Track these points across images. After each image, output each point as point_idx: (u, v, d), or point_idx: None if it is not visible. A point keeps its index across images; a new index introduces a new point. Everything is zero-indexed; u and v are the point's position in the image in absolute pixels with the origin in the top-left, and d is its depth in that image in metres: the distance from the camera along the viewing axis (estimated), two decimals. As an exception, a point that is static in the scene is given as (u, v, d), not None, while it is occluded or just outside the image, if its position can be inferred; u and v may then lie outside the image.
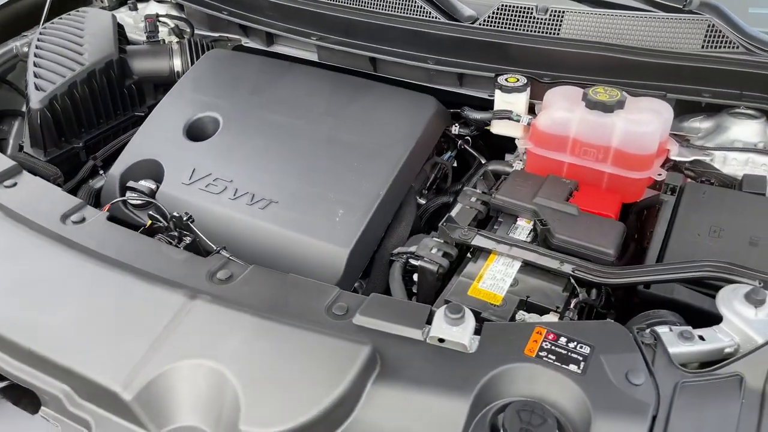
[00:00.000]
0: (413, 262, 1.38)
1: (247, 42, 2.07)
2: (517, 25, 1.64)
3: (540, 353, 0.96)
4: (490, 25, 1.66)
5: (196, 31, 2.14)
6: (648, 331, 1.01)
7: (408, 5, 1.73)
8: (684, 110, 1.60)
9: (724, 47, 1.53)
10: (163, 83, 2.00)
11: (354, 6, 1.80)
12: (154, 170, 1.62)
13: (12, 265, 1.09)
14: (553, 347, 0.97)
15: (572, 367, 0.94)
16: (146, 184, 1.58)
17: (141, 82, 1.97)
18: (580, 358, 0.95)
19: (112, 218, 1.52)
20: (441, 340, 0.99)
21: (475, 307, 1.20)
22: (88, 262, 1.07)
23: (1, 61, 2.01)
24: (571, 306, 1.23)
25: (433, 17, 1.71)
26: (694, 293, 1.20)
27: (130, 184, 1.58)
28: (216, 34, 2.14)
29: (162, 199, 1.54)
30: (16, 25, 2.12)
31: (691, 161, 1.52)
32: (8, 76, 2.05)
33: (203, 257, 1.17)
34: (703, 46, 1.55)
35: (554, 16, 1.61)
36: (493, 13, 1.65)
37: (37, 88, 1.73)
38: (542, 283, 1.27)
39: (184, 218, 1.27)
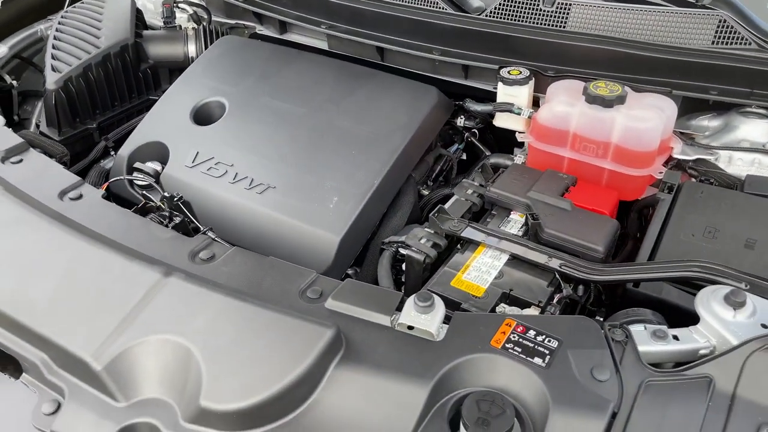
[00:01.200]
0: (402, 251, 1.38)
1: (261, 30, 2.09)
2: (523, 17, 1.62)
3: (506, 345, 0.96)
4: (497, 17, 1.64)
5: (213, 18, 2.18)
6: (620, 328, 0.99)
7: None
8: (692, 108, 1.56)
9: (736, 43, 1.49)
10: (178, 68, 2.04)
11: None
12: (160, 152, 1.66)
13: (4, 237, 1.14)
14: (520, 340, 0.96)
15: (537, 360, 0.93)
16: (152, 166, 1.63)
17: (156, 66, 2.01)
18: (546, 352, 0.94)
19: (116, 198, 1.57)
20: (410, 328, 0.99)
21: (457, 297, 1.20)
22: (75, 237, 1.11)
23: (26, 43, 2.08)
24: (554, 301, 1.21)
25: (440, 8, 1.70)
26: (683, 294, 1.17)
27: (137, 165, 1.63)
28: (233, 21, 2.17)
29: (165, 180, 1.58)
30: (44, 8, 2.19)
31: (694, 160, 1.48)
32: (34, 59, 2.12)
33: (189, 237, 1.19)
34: (713, 42, 1.50)
35: (561, 8, 1.59)
36: (500, 4, 1.64)
37: (53, 69, 1.78)
38: (528, 277, 1.26)
39: (175, 198, 1.30)
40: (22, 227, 1.15)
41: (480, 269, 1.28)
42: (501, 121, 1.67)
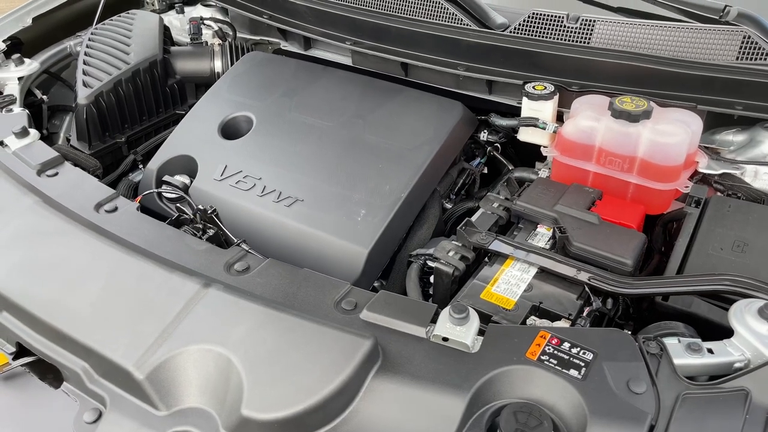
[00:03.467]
0: (430, 263, 1.39)
1: (285, 46, 2.13)
2: (547, 33, 1.64)
3: (542, 357, 0.97)
4: (521, 33, 1.66)
5: (238, 34, 2.22)
6: (654, 341, 1.00)
7: (440, 12, 1.75)
8: (716, 123, 1.57)
9: (761, 59, 1.50)
10: (204, 83, 2.08)
11: (387, 12, 1.83)
12: (189, 166, 1.69)
13: (44, 247, 1.16)
14: (555, 352, 0.97)
15: (573, 372, 0.94)
16: (180, 179, 1.65)
17: (183, 81, 2.05)
18: (582, 364, 0.95)
19: (145, 210, 1.60)
20: (445, 339, 1.01)
21: (487, 310, 1.21)
22: (114, 248, 1.13)
23: (56, 59, 2.13)
24: (584, 314, 1.22)
25: (464, 24, 1.72)
26: (713, 308, 1.18)
27: (165, 178, 1.65)
28: (257, 38, 2.21)
29: (194, 193, 1.61)
30: (73, 25, 2.24)
31: (720, 174, 1.49)
32: (62, 74, 2.17)
33: (224, 249, 1.21)
34: (737, 58, 1.51)
35: (585, 24, 1.60)
36: (524, 20, 1.66)
37: (84, 84, 1.82)
38: (557, 290, 1.27)
39: (209, 211, 1.32)
40: (62, 238, 1.18)
41: (509, 282, 1.29)
42: (525, 135, 1.68)
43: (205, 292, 1.03)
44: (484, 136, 1.79)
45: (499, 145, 1.85)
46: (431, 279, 1.41)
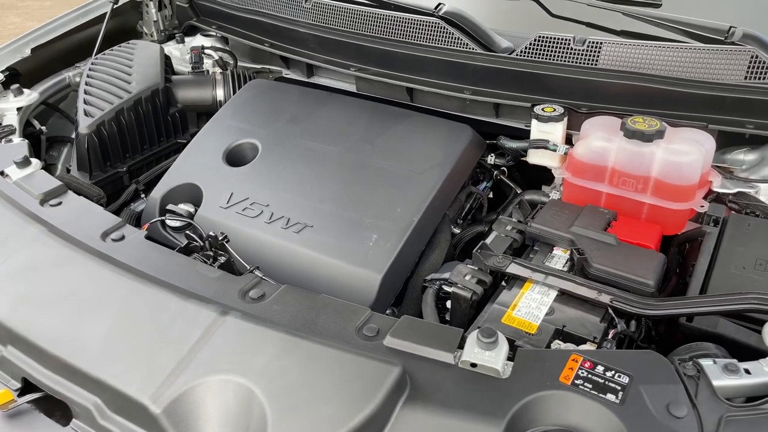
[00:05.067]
0: (446, 288, 1.36)
1: (287, 73, 2.12)
2: (554, 55, 1.64)
3: (576, 381, 0.93)
4: (528, 56, 1.66)
5: (239, 63, 2.21)
6: (690, 362, 0.97)
7: (446, 37, 1.75)
8: (727, 142, 1.57)
9: (768, 78, 1.50)
10: (206, 112, 2.06)
11: (392, 38, 1.82)
12: (193, 194, 1.66)
13: (51, 277, 1.12)
14: (589, 375, 0.94)
15: (610, 397, 0.90)
16: (185, 207, 1.62)
17: (184, 110, 2.03)
18: (618, 388, 0.92)
19: (149, 239, 1.56)
20: (473, 365, 0.97)
21: (510, 334, 1.17)
22: (125, 277, 1.09)
23: (54, 90, 2.10)
24: (609, 337, 1.19)
25: (470, 48, 1.72)
26: (740, 328, 1.15)
27: (169, 207, 1.62)
28: (259, 66, 2.20)
29: (200, 221, 1.57)
30: (72, 56, 2.22)
31: (734, 193, 1.48)
32: (61, 105, 2.14)
33: (236, 276, 1.17)
34: (746, 77, 1.52)
35: (592, 47, 1.60)
36: (531, 43, 1.66)
37: (86, 114, 1.79)
38: (579, 312, 1.24)
39: (220, 238, 1.29)
40: (69, 268, 1.13)
41: (530, 305, 1.26)
42: (535, 158, 1.67)
43: (223, 320, 0.99)
44: (491, 159, 1.78)
45: (505, 169, 1.84)
46: (447, 304, 1.37)
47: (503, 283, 1.35)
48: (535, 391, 0.91)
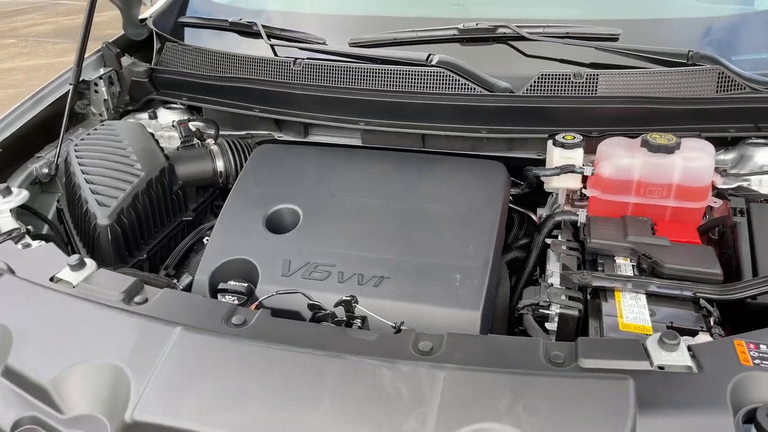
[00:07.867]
0: (544, 311, 1.45)
1: (280, 136, 2.11)
2: (557, 90, 1.83)
3: (755, 362, 1.07)
4: (535, 93, 1.83)
5: (220, 132, 2.15)
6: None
7: (452, 83, 1.86)
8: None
9: (734, 89, 1.80)
10: (205, 185, 1.99)
11: (399, 89, 1.90)
12: (241, 269, 1.60)
13: (223, 373, 1.04)
14: (761, 355, 1.08)
15: (786, 368, 1.05)
16: (237, 284, 1.56)
17: (185, 186, 1.94)
18: (785, 359, 1.07)
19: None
20: (660, 368, 1.07)
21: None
22: (304, 356, 1.05)
23: (26, 185, 1.91)
24: (712, 324, 1.35)
25: (478, 91, 1.86)
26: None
27: (222, 286, 1.55)
28: (243, 132, 2.16)
29: (264, 295, 1.52)
30: (27, 148, 2.03)
31: (734, 187, 1.74)
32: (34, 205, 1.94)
33: (393, 334, 1.18)
34: (717, 91, 1.81)
35: (590, 79, 1.81)
36: (535, 81, 1.83)
37: (99, 204, 1.66)
38: (672, 309, 1.39)
39: (353, 301, 1.27)
40: (238, 361, 1.06)
41: (632, 311, 1.39)
42: (558, 182, 1.83)
43: (441, 375, 1.00)
44: None
45: (511, 197, 1.98)
46: (546, 325, 1.47)
47: (588, 297, 1.47)
48: (731, 376, 1.03)
